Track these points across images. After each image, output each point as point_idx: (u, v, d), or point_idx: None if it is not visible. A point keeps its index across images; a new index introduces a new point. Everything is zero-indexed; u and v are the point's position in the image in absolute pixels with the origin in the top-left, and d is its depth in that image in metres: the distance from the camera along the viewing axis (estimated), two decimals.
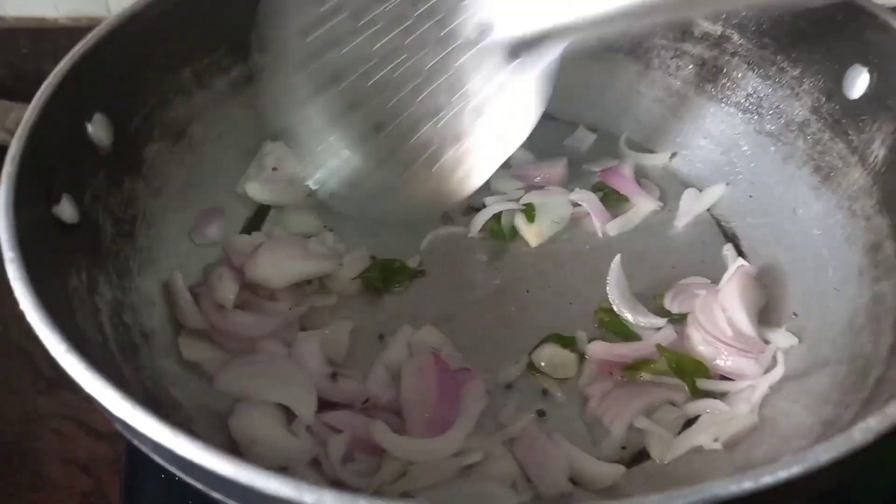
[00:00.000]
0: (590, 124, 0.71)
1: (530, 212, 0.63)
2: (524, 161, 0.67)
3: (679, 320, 0.56)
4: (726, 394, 0.52)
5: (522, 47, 0.54)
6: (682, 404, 0.52)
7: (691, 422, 0.51)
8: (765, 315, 0.56)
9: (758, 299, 0.56)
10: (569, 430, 0.51)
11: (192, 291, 0.55)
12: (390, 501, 0.40)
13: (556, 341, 0.55)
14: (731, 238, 0.63)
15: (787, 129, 0.61)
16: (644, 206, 0.65)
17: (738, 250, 0.61)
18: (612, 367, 0.54)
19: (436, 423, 0.49)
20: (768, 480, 0.31)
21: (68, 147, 0.49)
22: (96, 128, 0.51)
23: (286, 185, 0.63)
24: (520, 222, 0.63)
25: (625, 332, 0.56)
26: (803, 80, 0.60)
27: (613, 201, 0.65)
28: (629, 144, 0.69)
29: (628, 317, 0.57)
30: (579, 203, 0.64)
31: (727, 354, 0.53)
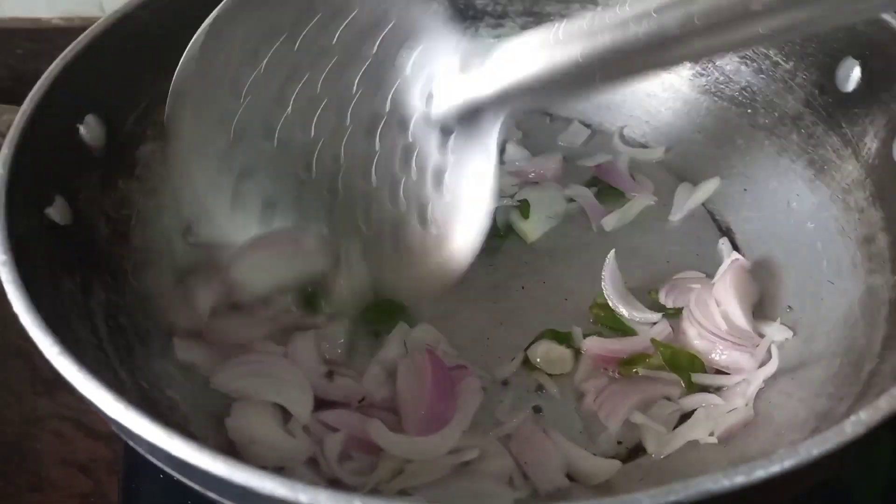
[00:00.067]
0: (584, 120, 0.71)
1: (525, 208, 0.63)
2: (518, 157, 0.67)
3: (674, 315, 0.56)
4: (721, 388, 0.52)
5: (462, 117, 0.53)
6: (678, 399, 0.52)
7: (687, 416, 0.51)
8: (759, 309, 0.56)
9: (752, 293, 0.56)
10: (565, 425, 0.51)
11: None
12: (386, 500, 0.41)
13: (551, 337, 0.56)
14: (725, 232, 0.63)
15: (781, 123, 0.61)
16: (639, 200, 0.64)
17: (733, 244, 0.61)
18: (607, 363, 0.54)
19: (432, 421, 0.49)
20: (761, 475, 0.31)
21: (61, 149, 0.49)
22: (89, 129, 0.51)
23: None
24: (514, 218, 0.63)
25: (620, 328, 0.56)
26: (796, 73, 0.60)
27: (608, 196, 0.65)
28: (623, 139, 0.69)
29: (623, 312, 0.57)
30: (574, 199, 0.64)
31: (722, 348, 0.53)
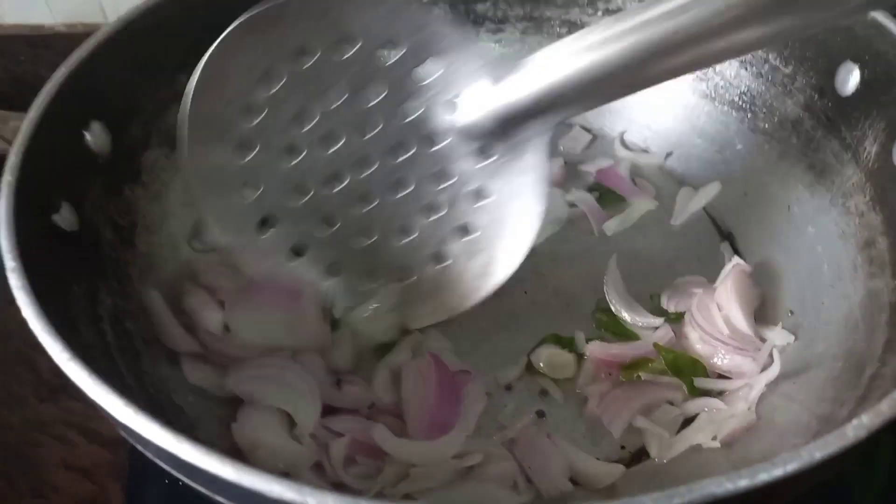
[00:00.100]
0: (585, 125, 0.71)
1: None
2: None
3: (676, 319, 0.57)
4: (724, 392, 0.53)
5: (501, 134, 0.50)
6: (681, 403, 0.52)
7: (689, 421, 0.51)
8: (761, 313, 0.56)
9: (754, 297, 0.56)
10: (568, 430, 0.52)
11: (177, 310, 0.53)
12: (393, 503, 0.41)
13: (554, 342, 0.56)
14: (726, 236, 0.63)
15: (781, 127, 0.61)
16: (640, 205, 0.65)
17: (734, 248, 0.62)
18: (610, 367, 0.54)
19: (436, 426, 0.49)
20: (764, 478, 0.31)
21: (67, 155, 0.49)
22: (94, 136, 0.51)
23: None
24: None
25: (623, 332, 0.56)
26: (795, 77, 0.60)
27: (609, 201, 0.65)
28: (624, 144, 0.70)
29: (626, 317, 0.57)
30: (575, 203, 0.64)
31: (724, 353, 0.53)
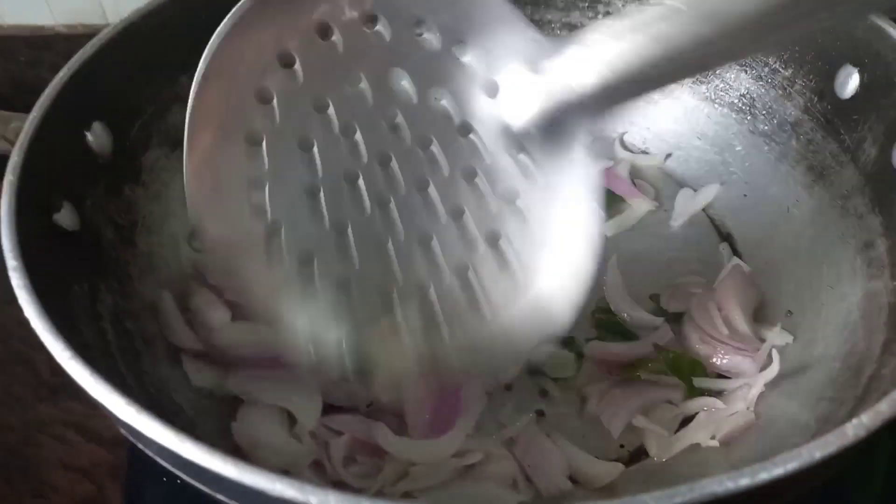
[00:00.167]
0: None
1: None
2: None
3: (675, 319, 0.57)
4: (723, 392, 0.53)
5: (545, 129, 0.43)
6: (680, 403, 0.52)
7: (688, 420, 0.51)
8: (760, 313, 0.56)
9: (753, 298, 0.56)
10: (568, 429, 0.52)
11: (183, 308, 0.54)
12: (393, 502, 0.41)
13: (554, 341, 0.56)
14: (726, 237, 0.63)
15: (780, 129, 0.62)
16: (640, 206, 0.65)
17: (734, 249, 0.62)
18: (609, 367, 0.54)
19: (436, 425, 0.49)
20: (765, 478, 0.31)
21: (68, 155, 0.50)
22: (96, 136, 0.51)
23: None
24: None
25: (622, 332, 0.56)
26: (795, 80, 0.60)
27: (609, 202, 0.65)
28: (624, 145, 0.70)
29: (625, 317, 0.57)
30: None
31: (723, 353, 0.53)
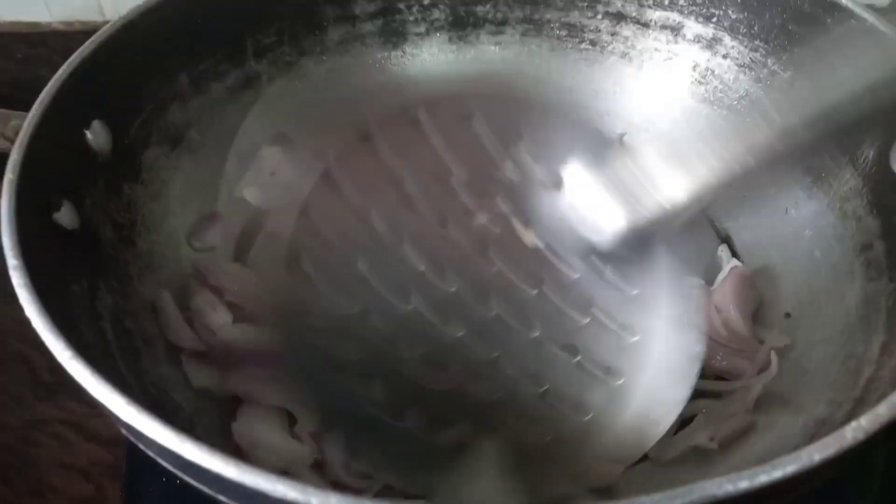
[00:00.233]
0: None
1: None
2: None
3: None
4: (721, 393, 0.53)
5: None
6: None
7: (687, 422, 0.52)
8: (758, 315, 0.57)
9: (752, 299, 0.56)
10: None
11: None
12: (394, 503, 0.41)
13: None
14: (724, 239, 0.63)
15: None
16: None
17: (732, 251, 0.62)
18: None
19: None
20: (764, 480, 0.32)
21: (68, 154, 0.49)
22: (95, 134, 0.51)
23: (284, 189, 0.63)
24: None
25: None
26: (795, 82, 0.60)
27: None
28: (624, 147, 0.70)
29: None
30: None
31: (722, 355, 0.53)
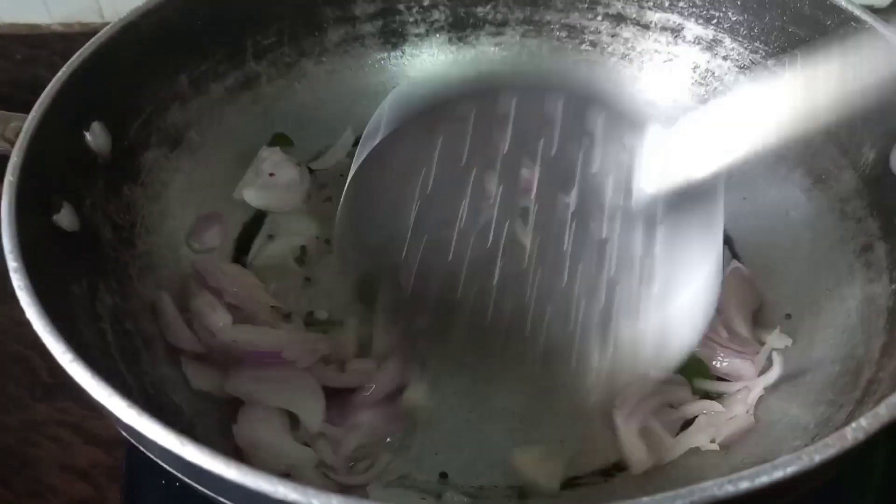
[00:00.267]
0: None
1: None
2: None
3: None
4: (722, 395, 0.53)
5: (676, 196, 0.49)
6: (680, 406, 0.52)
7: (688, 423, 0.52)
8: (759, 316, 0.56)
9: (752, 301, 0.56)
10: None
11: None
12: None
13: None
14: (725, 240, 0.62)
15: None
16: None
17: (733, 252, 0.62)
18: None
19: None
20: (765, 480, 0.32)
21: (68, 156, 0.50)
22: (95, 136, 0.51)
23: (283, 190, 0.63)
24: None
25: None
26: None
27: None
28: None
29: None
30: None
31: (723, 356, 0.53)
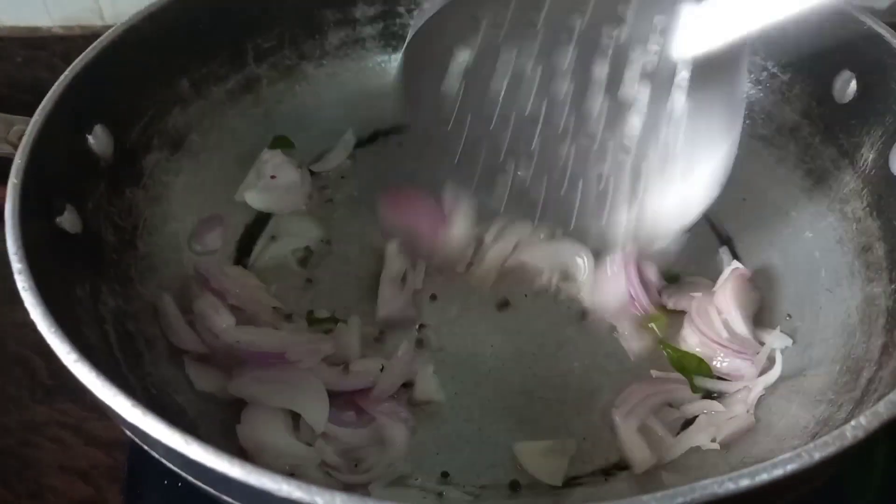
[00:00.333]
0: None
1: None
2: None
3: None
4: (723, 395, 0.53)
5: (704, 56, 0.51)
6: (681, 405, 0.52)
7: (689, 423, 0.52)
8: (759, 317, 0.57)
9: (752, 301, 0.57)
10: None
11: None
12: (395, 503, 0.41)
13: None
14: (725, 241, 0.63)
15: (779, 134, 0.62)
16: None
17: (733, 253, 0.62)
18: None
19: None
20: (765, 478, 0.32)
21: (71, 158, 0.50)
22: (97, 139, 0.52)
23: (284, 192, 0.63)
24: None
25: None
26: (794, 85, 0.61)
27: None
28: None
29: None
30: None
31: (723, 356, 0.54)
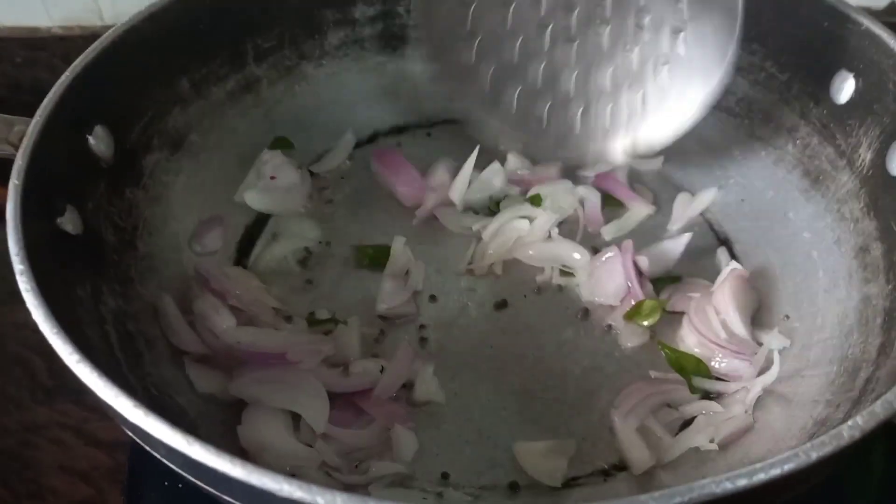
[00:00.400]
0: None
1: (537, 199, 0.63)
2: (519, 166, 0.67)
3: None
4: (721, 395, 0.53)
5: None
6: (679, 406, 0.53)
7: (687, 423, 0.52)
8: (757, 317, 0.57)
9: (750, 302, 0.57)
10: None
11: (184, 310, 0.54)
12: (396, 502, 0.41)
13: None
14: (723, 241, 0.63)
15: (777, 134, 0.62)
16: (638, 210, 0.65)
17: (731, 253, 0.62)
18: None
19: None
20: (762, 478, 0.32)
21: (72, 159, 0.50)
22: (98, 139, 0.52)
23: (284, 193, 0.63)
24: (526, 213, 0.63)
25: None
26: (792, 85, 0.61)
27: (608, 206, 0.65)
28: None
29: None
30: (584, 198, 0.64)
31: (722, 356, 0.54)
